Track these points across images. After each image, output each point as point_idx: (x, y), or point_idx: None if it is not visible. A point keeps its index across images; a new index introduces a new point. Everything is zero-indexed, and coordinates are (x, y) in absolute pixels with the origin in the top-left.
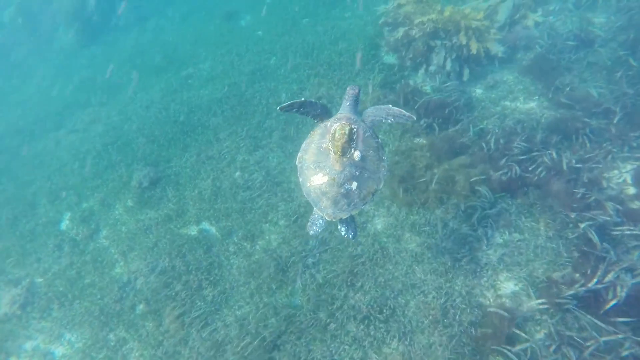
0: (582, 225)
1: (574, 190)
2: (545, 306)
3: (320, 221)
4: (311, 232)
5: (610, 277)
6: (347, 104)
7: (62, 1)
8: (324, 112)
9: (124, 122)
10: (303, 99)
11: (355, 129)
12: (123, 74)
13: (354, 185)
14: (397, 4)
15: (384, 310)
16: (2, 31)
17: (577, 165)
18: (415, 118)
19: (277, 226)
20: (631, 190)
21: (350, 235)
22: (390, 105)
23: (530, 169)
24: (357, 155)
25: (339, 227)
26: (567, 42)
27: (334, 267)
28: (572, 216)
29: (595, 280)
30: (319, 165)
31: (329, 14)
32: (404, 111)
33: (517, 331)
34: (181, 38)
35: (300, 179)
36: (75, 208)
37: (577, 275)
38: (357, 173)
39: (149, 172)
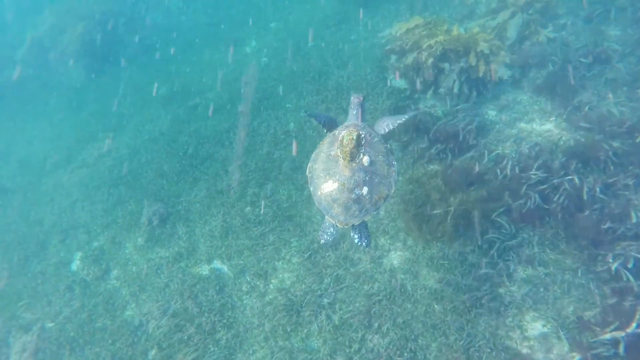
0: (613, 265)
1: (600, 222)
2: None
3: (332, 229)
4: (322, 241)
5: None
6: (354, 112)
7: (71, 37)
8: (333, 124)
9: (133, 155)
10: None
11: (363, 135)
12: (130, 105)
13: (365, 190)
14: (405, 29)
15: (405, 354)
16: (16, 68)
17: (601, 196)
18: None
19: (290, 264)
20: None
21: (364, 243)
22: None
23: (550, 197)
24: (366, 160)
25: (351, 234)
26: (581, 58)
27: (350, 307)
28: (600, 252)
29: (634, 324)
30: (328, 173)
31: (334, 36)
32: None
33: None
34: (186, 67)
35: (311, 189)
36: (86, 247)
37: (611, 316)
38: (367, 178)
39: (158, 209)
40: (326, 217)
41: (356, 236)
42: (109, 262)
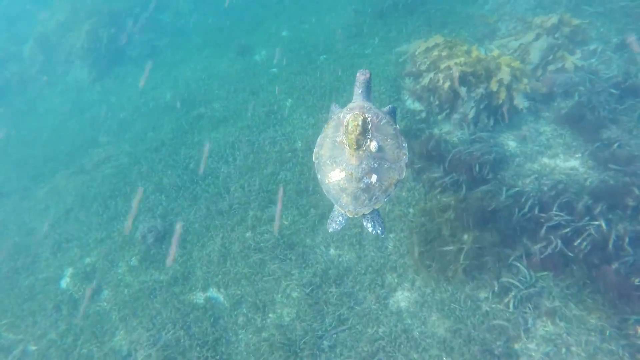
0: None
1: (630, 277)
2: None
3: (340, 218)
4: (330, 230)
5: None
6: (359, 91)
7: (77, 35)
8: (337, 110)
9: (133, 165)
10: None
11: (369, 118)
12: (134, 110)
13: (374, 178)
14: (424, 47)
15: None
16: (21, 65)
17: (629, 248)
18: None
19: (290, 298)
20: None
21: (379, 231)
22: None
23: (573, 241)
24: (373, 146)
25: (364, 223)
26: (611, 89)
27: (351, 353)
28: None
29: None
30: (335, 161)
31: (347, 50)
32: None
33: None
34: (193, 73)
35: (319, 176)
36: (78, 263)
37: None
38: (376, 165)
39: (155, 225)
40: (335, 206)
41: (369, 225)
42: (101, 281)
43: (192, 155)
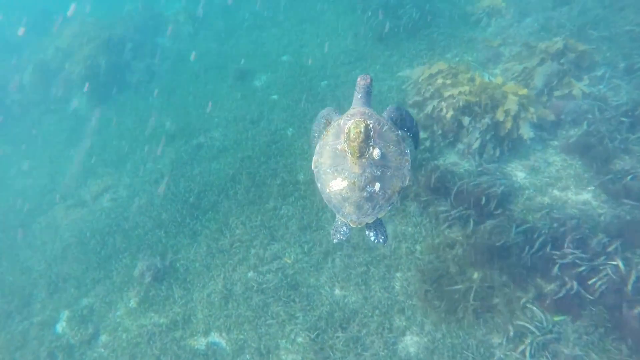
0: None
1: None
2: None
3: (344, 228)
4: (335, 240)
5: None
6: (359, 96)
7: (76, 61)
8: (331, 114)
9: (132, 198)
10: (313, 127)
11: (371, 125)
12: (132, 139)
13: (377, 186)
14: (428, 74)
15: None
16: (22, 92)
17: None
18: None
19: (295, 344)
20: None
21: (381, 240)
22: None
23: (589, 281)
24: (376, 153)
25: (366, 232)
26: (622, 117)
27: None
28: None
29: None
30: (336, 169)
31: (349, 75)
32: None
33: None
34: (192, 100)
35: (319, 185)
36: (74, 305)
37: None
38: (379, 173)
39: (155, 263)
40: (337, 216)
41: (372, 234)
42: (98, 324)
43: (191, 189)
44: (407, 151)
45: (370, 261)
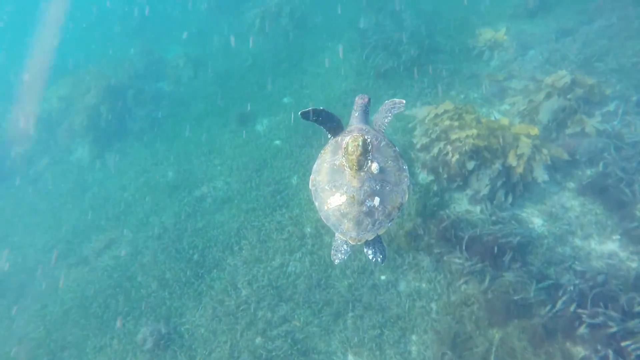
0: None
1: None
2: None
3: (345, 247)
4: (336, 261)
5: None
6: (357, 114)
7: (77, 111)
8: (339, 128)
9: (135, 255)
10: (322, 107)
11: (369, 139)
12: (135, 190)
13: (377, 201)
14: (434, 114)
15: None
16: (29, 142)
17: None
18: (404, 102)
19: None
20: None
21: (379, 259)
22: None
23: (622, 343)
24: (375, 167)
25: (365, 250)
26: None
27: None
28: None
29: None
30: (334, 185)
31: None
32: (395, 100)
33: None
34: (194, 148)
35: (317, 204)
36: None
37: None
38: (378, 187)
39: (159, 329)
40: (336, 234)
41: (370, 252)
42: None
43: (196, 245)
44: (406, 167)
45: (384, 323)
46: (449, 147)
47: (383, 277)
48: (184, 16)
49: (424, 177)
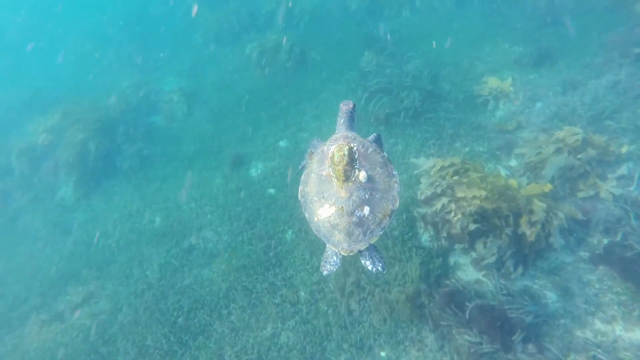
0: None
1: None
2: None
3: (335, 258)
4: (325, 272)
5: None
6: (342, 121)
7: (64, 147)
8: (319, 144)
9: (115, 313)
10: (309, 151)
11: (355, 147)
12: (120, 236)
13: (366, 210)
14: (440, 166)
15: None
16: (10, 178)
17: None
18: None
19: None
20: None
21: (379, 268)
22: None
23: None
24: (362, 176)
25: (362, 262)
26: None
27: None
28: None
29: None
30: (323, 196)
31: None
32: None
33: None
34: (185, 192)
35: (307, 215)
36: None
37: None
38: (367, 196)
39: None
40: (327, 245)
41: (368, 262)
42: None
43: (181, 306)
44: (395, 173)
45: None
46: (452, 205)
47: (383, 354)
48: (181, 47)
49: (426, 238)
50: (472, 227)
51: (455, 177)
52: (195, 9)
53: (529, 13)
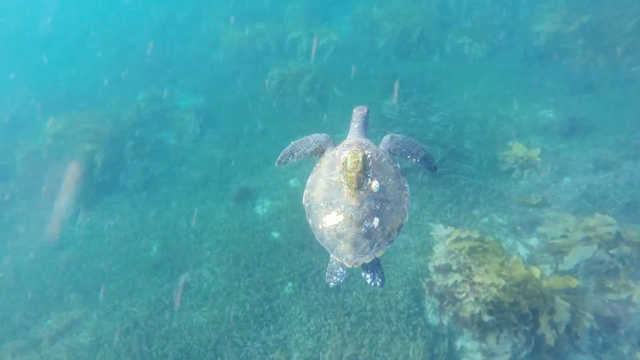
0: None
1: None
2: None
3: (341, 269)
4: (331, 284)
5: None
6: (356, 126)
7: (69, 157)
8: (326, 142)
9: (95, 350)
10: (291, 143)
11: (369, 155)
12: (115, 260)
13: (376, 222)
14: (456, 236)
15: None
16: (12, 181)
17: None
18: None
19: None
20: None
21: (378, 283)
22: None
23: None
24: (375, 185)
25: (362, 274)
26: None
27: None
28: None
29: None
30: (330, 203)
31: None
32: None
33: None
34: (185, 223)
35: (310, 221)
36: None
37: None
38: (378, 207)
39: None
40: (331, 255)
41: (368, 276)
42: None
43: (165, 354)
44: (407, 185)
45: None
46: (467, 287)
47: None
48: (203, 62)
49: (433, 317)
50: (487, 318)
51: (473, 256)
52: None
53: (563, 76)
